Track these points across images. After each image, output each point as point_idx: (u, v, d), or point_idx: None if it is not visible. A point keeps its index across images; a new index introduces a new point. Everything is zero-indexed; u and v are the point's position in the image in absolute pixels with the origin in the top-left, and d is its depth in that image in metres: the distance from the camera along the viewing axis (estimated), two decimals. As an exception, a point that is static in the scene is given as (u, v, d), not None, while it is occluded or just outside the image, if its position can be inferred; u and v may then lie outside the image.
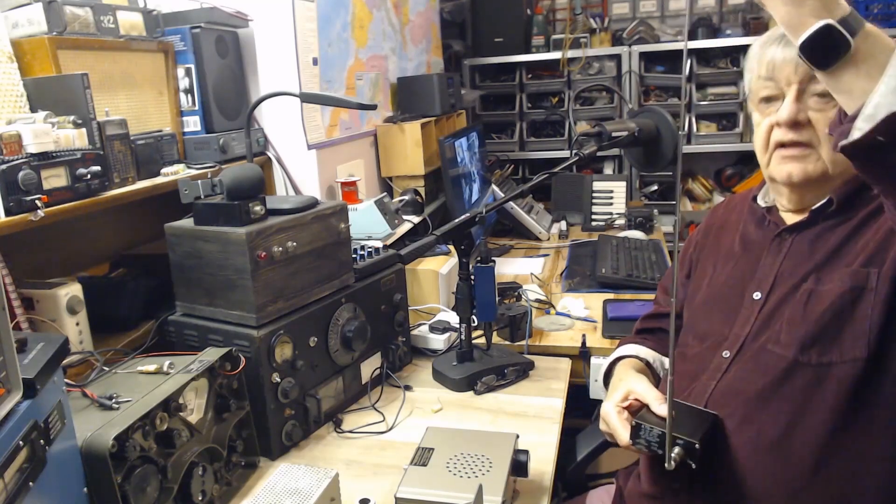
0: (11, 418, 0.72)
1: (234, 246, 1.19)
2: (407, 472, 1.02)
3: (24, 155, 1.09)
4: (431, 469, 1.03)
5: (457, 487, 0.97)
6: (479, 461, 1.04)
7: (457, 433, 1.14)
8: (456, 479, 1.00)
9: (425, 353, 1.66)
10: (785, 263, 1.05)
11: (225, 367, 1.14)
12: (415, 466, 1.04)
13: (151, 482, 0.94)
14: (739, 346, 1.05)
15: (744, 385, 1.02)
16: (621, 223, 2.78)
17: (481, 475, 1.00)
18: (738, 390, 1.03)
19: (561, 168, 1.60)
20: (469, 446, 1.08)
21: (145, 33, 1.50)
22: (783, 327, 1.00)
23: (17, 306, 1.15)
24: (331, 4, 2.07)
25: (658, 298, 1.42)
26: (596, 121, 3.07)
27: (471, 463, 1.04)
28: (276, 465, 1.21)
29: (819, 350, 0.95)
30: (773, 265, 1.07)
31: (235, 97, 1.77)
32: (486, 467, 1.02)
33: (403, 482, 1.00)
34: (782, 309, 1.02)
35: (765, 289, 1.06)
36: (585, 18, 3.62)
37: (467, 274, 1.48)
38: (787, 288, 1.03)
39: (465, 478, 1.00)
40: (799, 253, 1.04)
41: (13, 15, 1.29)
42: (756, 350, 1.03)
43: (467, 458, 1.05)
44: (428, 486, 0.98)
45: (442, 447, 1.08)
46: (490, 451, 1.06)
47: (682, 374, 1.14)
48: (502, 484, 0.98)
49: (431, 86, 2.60)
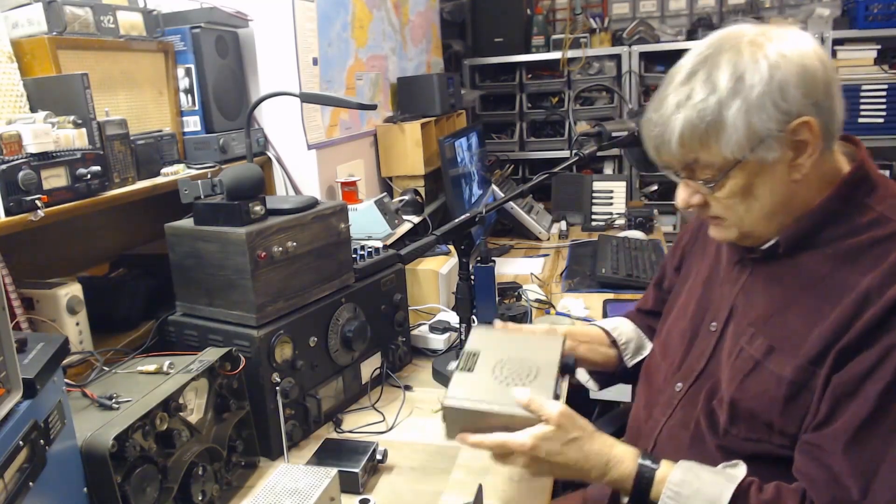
0: (11, 418, 0.72)
1: (234, 246, 1.19)
2: (454, 379, 1.00)
3: (24, 155, 1.09)
4: (478, 375, 1.01)
5: (506, 396, 0.96)
6: (525, 366, 1.02)
7: (503, 336, 1.12)
8: (502, 386, 0.98)
9: (425, 353, 1.66)
10: (740, 296, 1.01)
11: (225, 367, 1.14)
12: (461, 372, 1.01)
13: (151, 482, 0.94)
14: (692, 382, 1.03)
15: (682, 432, 1.02)
16: (621, 223, 2.78)
17: (531, 381, 0.99)
18: (677, 437, 1.02)
19: (561, 168, 1.60)
20: (515, 351, 1.05)
21: (145, 33, 1.50)
22: (724, 388, 0.97)
23: (17, 306, 1.15)
24: (331, 4, 2.07)
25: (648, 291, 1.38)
26: (596, 121, 3.07)
27: (518, 369, 1.01)
28: (276, 465, 1.21)
29: (747, 427, 0.93)
30: (729, 295, 1.03)
31: (235, 97, 1.78)
32: (534, 373, 1.00)
33: (450, 390, 0.98)
34: (729, 358, 0.98)
35: (720, 320, 1.03)
36: (585, 18, 3.62)
37: (467, 274, 1.47)
38: (741, 327, 0.98)
39: (511, 385, 0.98)
40: (755, 289, 0.99)
41: (13, 15, 1.29)
42: (703, 396, 1.00)
43: (514, 364, 1.02)
44: (475, 394, 0.97)
45: (487, 351, 1.05)
46: (537, 355, 1.04)
47: (646, 399, 1.14)
48: (550, 392, 0.97)
49: (431, 86, 2.60)
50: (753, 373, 0.93)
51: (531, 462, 0.94)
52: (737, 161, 0.88)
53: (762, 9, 3.49)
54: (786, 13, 3.44)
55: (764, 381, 0.92)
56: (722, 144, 0.87)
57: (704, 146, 0.88)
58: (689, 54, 0.93)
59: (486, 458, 1.20)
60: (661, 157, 0.95)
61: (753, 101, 0.84)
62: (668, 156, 0.93)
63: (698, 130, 0.87)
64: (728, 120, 0.85)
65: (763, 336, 0.94)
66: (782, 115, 0.85)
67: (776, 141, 0.86)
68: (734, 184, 0.90)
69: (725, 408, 0.95)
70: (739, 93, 0.85)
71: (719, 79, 0.86)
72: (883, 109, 3.09)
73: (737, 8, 3.53)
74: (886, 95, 3.07)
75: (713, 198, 0.94)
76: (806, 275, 0.93)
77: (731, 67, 0.86)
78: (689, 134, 0.88)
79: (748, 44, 0.88)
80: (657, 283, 1.33)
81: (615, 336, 1.29)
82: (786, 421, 0.89)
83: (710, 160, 0.89)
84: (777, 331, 0.93)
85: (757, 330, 0.95)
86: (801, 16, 3.20)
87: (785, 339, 0.91)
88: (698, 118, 0.87)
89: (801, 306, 0.92)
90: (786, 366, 0.90)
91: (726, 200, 0.92)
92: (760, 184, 0.90)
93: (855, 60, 3.09)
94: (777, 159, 0.87)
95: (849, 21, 3.14)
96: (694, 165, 0.92)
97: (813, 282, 0.92)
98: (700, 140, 0.88)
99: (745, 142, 0.86)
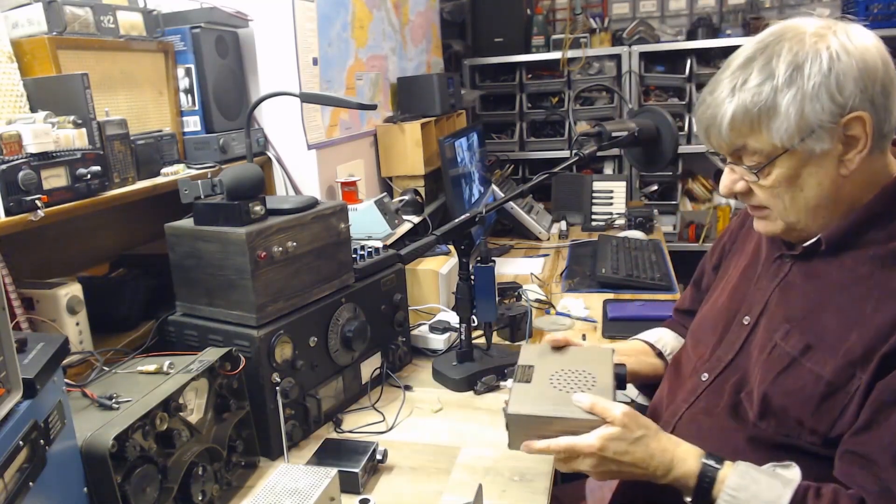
0: (11, 418, 0.72)
1: (234, 246, 1.19)
2: (514, 390, 1.01)
3: (24, 155, 1.09)
4: (536, 385, 1.02)
5: (567, 402, 0.97)
6: (581, 376, 1.03)
7: (553, 351, 1.12)
8: (563, 394, 0.99)
9: (425, 353, 1.66)
10: (777, 292, 1.00)
11: (225, 367, 1.14)
12: (519, 383, 1.02)
13: (151, 482, 0.94)
14: (719, 372, 1.04)
15: (705, 419, 1.02)
16: (621, 223, 2.78)
17: (588, 388, 1.00)
18: (698, 422, 1.03)
19: (561, 168, 1.60)
20: (568, 363, 1.07)
21: (145, 33, 1.50)
22: (756, 383, 0.96)
23: (17, 306, 1.15)
24: (331, 4, 2.07)
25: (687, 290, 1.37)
26: (596, 121, 3.07)
27: (574, 378, 1.03)
28: (276, 465, 1.21)
29: (777, 422, 0.93)
30: (765, 290, 1.02)
31: (235, 97, 1.78)
32: (591, 381, 1.02)
33: (512, 399, 0.99)
34: (761, 354, 0.98)
35: (754, 314, 1.03)
36: (585, 18, 3.62)
37: (467, 274, 1.48)
38: (774, 324, 0.98)
39: (572, 392, 0.99)
40: (793, 285, 0.99)
41: (13, 15, 1.29)
42: (729, 387, 1.01)
43: (569, 374, 1.04)
44: (538, 401, 0.98)
45: (542, 365, 1.07)
46: (590, 366, 1.06)
47: (670, 386, 1.14)
48: (611, 395, 0.98)
49: (431, 86, 2.60)
50: (789, 369, 0.93)
51: (599, 463, 0.94)
52: (785, 149, 0.88)
53: (762, 9, 3.49)
54: (786, 13, 3.44)
55: (801, 378, 0.91)
56: (772, 131, 0.87)
57: (755, 132, 0.89)
58: (749, 42, 0.93)
59: (486, 458, 1.20)
60: (710, 140, 0.95)
61: (809, 91, 0.84)
62: (717, 139, 0.93)
63: (750, 115, 0.88)
64: (781, 107, 0.86)
65: (799, 333, 0.94)
66: (837, 107, 0.85)
67: (827, 133, 0.86)
68: (780, 172, 0.90)
69: (756, 402, 0.95)
70: (795, 81, 0.85)
71: (778, 66, 0.86)
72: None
73: (737, 8, 3.53)
74: (886, 95, 3.07)
75: (758, 185, 0.93)
76: (846, 275, 0.92)
77: (790, 56, 0.86)
78: (741, 118, 0.88)
79: (812, 35, 0.88)
80: (696, 282, 1.33)
81: (660, 347, 1.29)
82: (817, 420, 0.89)
83: (759, 146, 0.89)
84: (814, 329, 0.93)
85: (793, 326, 0.95)
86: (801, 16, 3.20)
87: (822, 338, 0.91)
88: (752, 103, 0.87)
89: (840, 306, 0.91)
90: (825, 365, 0.89)
91: (771, 189, 0.92)
92: (807, 175, 0.89)
93: (855, 60, 3.09)
94: (826, 152, 0.87)
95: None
96: (742, 151, 0.92)
97: (853, 282, 0.91)
98: (751, 125, 0.88)
99: (796, 131, 0.86)
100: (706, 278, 1.29)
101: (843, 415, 0.87)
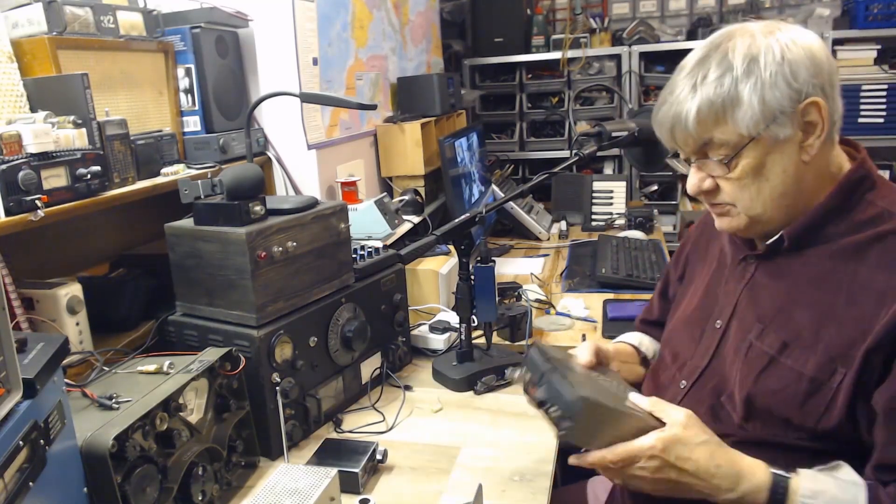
0: (11, 418, 0.72)
1: (234, 246, 1.19)
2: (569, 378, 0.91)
3: (24, 155, 1.09)
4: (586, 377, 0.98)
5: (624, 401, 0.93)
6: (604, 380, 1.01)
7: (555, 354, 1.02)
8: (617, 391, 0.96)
9: (425, 353, 1.66)
10: (745, 293, 1.01)
11: (225, 367, 1.14)
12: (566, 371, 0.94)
13: (151, 482, 0.94)
14: (695, 379, 1.04)
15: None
16: (621, 223, 2.78)
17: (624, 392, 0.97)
18: None
19: (561, 168, 1.60)
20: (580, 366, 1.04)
21: (145, 33, 1.50)
22: (737, 385, 0.96)
23: (17, 306, 1.15)
24: (331, 4, 2.07)
25: (653, 301, 1.37)
26: (596, 121, 3.07)
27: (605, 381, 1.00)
28: (276, 465, 1.21)
29: (762, 423, 0.93)
30: (733, 292, 1.03)
31: (235, 97, 1.78)
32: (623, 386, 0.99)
33: (574, 382, 0.90)
34: (737, 355, 0.98)
35: (725, 317, 1.03)
36: (585, 18, 3.62)
37: (467, 274, 1.48)
38: (746, 324, 0.99)
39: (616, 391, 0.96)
40: (760, 284, 1.00)
41: (13, 15, 1.29)
42: (708, 392, 1.01)
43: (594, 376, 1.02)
44: (601, 394, 0.92)
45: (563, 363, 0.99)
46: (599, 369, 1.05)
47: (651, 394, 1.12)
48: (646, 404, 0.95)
49: (431, 86, 2.60)
50: (769, 368, 0.93)
51: (658, 468, 0.89)
52: (751, 138, 0.90)
53: (762, 9, 3.49)
54: (786, 13, 3.44)
55: (782, 377, 0.92)
56: (738, 120, 0.89)
57: (720, 123, 0.90)
58: (698, 45, 0.96)
59: (486, 458, 1.20)
60: (675, 139, 0.96)
61: (767, 79, 0.87)
62: (683, 136, 0.94)
63: (714, 107, 0.89)
64: (743, 96, 0.88)
65: (774, 332, 0.95)
66: (794, 92, 0.88)
67: (788, 119, 0.88)
68: (746, 163, 0.91)
69: (740, 404, 0.95)
70: (753, 71, 0.88)
71: (734, 59, 0.89)
72: (883, 109, 3.09)
73: (737, 8, 3.53)
74: (886, 95, 3.07)
75: (725, 179, 0.94)
76: (811, 270, 0.94)
77: (744, 49, 0.89)
78: (706, 111, 0.90)
79: (760, 32, 0.91)
80: (662, 293, 1.32)
81: (644, 351, 1.28)
82: (804, 417, 0.89)
83: (726, 138, 0.91)
84: (788, 326, 0.94)
85: (766, 326, 0.96)
86: (801, 15, 3.20)
87: (797, 335, 0.92)
88: (715, 95, 0.89)
89: (810, 302, 0.93)
90: (805, 362, 0.90)
91: (739, 181, 0.93)
92: (771, 163, 0.91)
93: (855, 60, 3.09)
94: (788, 138, 0.89)
95: (849, 21, 3.14)
96: (708, 147, 0.94)
97: (819, 277, 0.93)
98: (716, 117, 0.90)
99: (761, 118, 0.88)
100: (672, 288, 1.29)
101: (829, 409, 0.87)
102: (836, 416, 0.87)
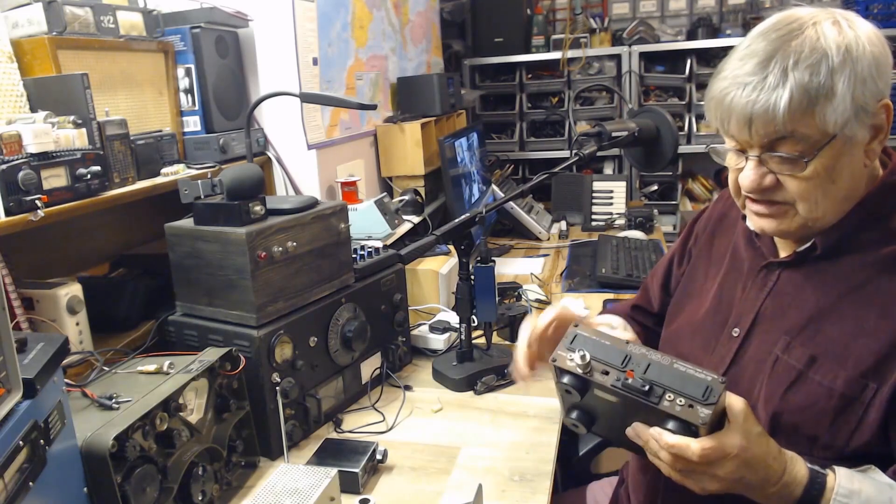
0: (11, 418, 0.72)
1: (234, 246, 1.19)
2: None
3: (24, 155, 1.09)
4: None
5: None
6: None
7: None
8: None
9: (425, 353, 1.66)
10: (768, 302, 0.95)
11: (225, 367, 1.14)
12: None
13: (151, 482, 0.94)
14: None
15: None
16: (621, 223, 2.78)
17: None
18: None
19: (561, 168, 1.60)
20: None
21: (145, 33, 1.51)
22: (761, 400, 0.91)
23: (17, 306, 1.15)
24: (331, 4, 2.07)
25: (647, 285, 1.29)
26: (596, 121, 3.07)
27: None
28: (276, 465, 1.21)
29: (786, 440, 0.86)
30: (755, 300, 0.97)
31: (235, 97, 1.78)
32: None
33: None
34: (760, 367, 0.93)
35: (744, 326, 0.97)
36: (585, 18, 3.62)
37: (467, 274, 1.48)
38: (771, 336, 0.93)
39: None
40: (785, 293, 0.94)
41: (13, 15, 1.29)
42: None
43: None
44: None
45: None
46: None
47: None
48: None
49: (431, 86, 2.60)
50: (798, 384, 0.88)
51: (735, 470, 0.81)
52: (833, 136, 0.82)
53: (762, 9, 3.49)
54: (786, 13, 3.44)
55: (811, 393, 0.87)
56: (827, 114, 0.80)
57: (807, 116, 0.81)
58: (760, 33, 0.85)
59: (486, 458, 1.20)
60: (749, 131, 0.84)
61: (859, 73, 0.80)
62: (763, 126, 0.83)
63: (809, 96, 0.79)
64: (838, 89, 0.79)
65: (801, 345, 0.89)
66: (879, 92, 0.81)
67: (868, 118, 0.82)
68: (821, 163, 0.83)
69: (766, 421, 0.89)
70: (847, 63, 0.79)
71: (828, 46, 0.80)
72: (883, 109, 3.09)
73: (737, 8, 3.53)
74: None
75: (792, 178, 0.85)
76: (844, 281, 0.89)
77: (835, 36, 0.80)
78: (799, 100, 0.80)
79: (841, 17, 0.83)
80: (664, 285, 1.25)
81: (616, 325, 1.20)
82: (833, 435, 0.85)
83: (808, 133, 0.82)
84: (816, 339, 0.89)
85: (792, 338, 0.90)
86: (801, 16, 3.20)
87: (827, 349, 0.87)
88: (809, 83, 0.79)
89: (841, 314, 0.87)
90: (835, 377, 0.85)
91: (808, 181, 0.84)
92: (841, 166, 0.84)
93: (855, 60, 3.09)
94: (860, 140, 0.83)
95: (849, 21, 3.13)
96: (781, 142, 0.83)
97: (852, 289, 0.88)
98: (807, 108, 0.80)
99: (851, 114, 0.80)
100: (674, 281, 1.22)
101: (860, 426, 0.84)
102: (866, 433, 0.84)
